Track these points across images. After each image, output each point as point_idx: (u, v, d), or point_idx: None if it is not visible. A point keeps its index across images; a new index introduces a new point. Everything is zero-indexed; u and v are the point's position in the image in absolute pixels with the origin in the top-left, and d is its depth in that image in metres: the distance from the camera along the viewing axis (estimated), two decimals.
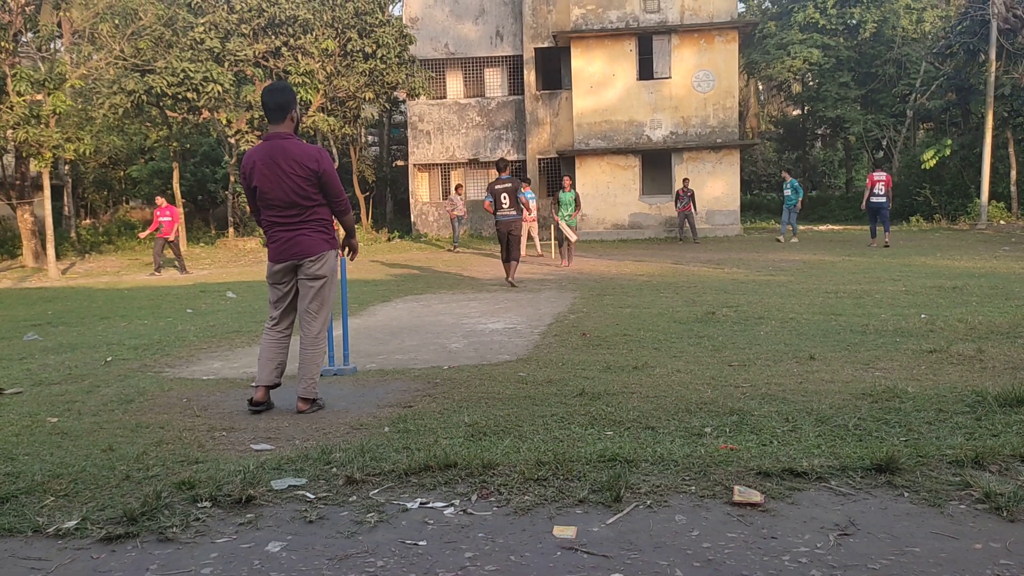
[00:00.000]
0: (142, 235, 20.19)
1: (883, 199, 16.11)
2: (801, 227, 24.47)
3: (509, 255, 12.21)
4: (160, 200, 18.12)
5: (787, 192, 20.00)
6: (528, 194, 21.97)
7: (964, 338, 6.24)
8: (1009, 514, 2.76)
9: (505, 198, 11.95)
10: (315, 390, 4.67)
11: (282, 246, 4.64)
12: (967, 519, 2.76)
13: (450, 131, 26.04)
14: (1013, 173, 24.23)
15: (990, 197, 23.12)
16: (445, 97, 26.21)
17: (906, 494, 2.99)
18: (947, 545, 2.58)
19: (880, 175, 16.14)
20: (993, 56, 22.25)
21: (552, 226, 16.44)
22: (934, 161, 25.06)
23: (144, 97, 20.38)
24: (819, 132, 37.35)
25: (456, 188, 22.84)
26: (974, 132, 26.04)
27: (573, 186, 15.85)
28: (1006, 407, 4.02)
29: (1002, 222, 23.10)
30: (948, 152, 25.01)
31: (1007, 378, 4.77)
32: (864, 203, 16.52)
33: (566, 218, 15.44)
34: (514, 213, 12.06)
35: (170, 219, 17.74)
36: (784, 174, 21.07)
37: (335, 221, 4.82)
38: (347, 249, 5.17)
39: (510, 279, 12.13)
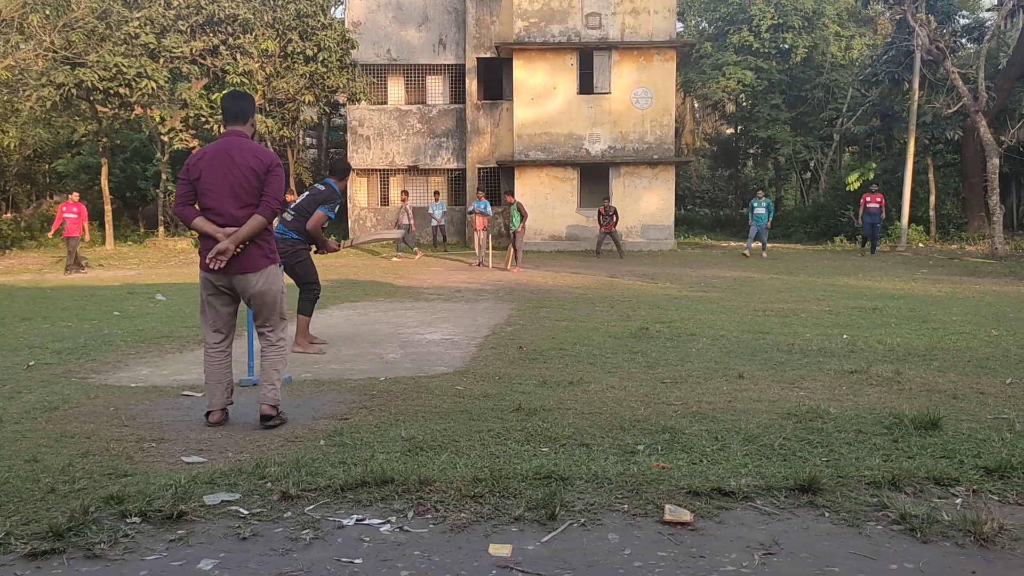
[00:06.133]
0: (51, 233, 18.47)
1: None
2: (732, 244, 25.19)
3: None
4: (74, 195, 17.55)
5: (760, 210, 20.64)
6: (436, 207, 22.43)
7: (883, 359, 6.51)
8: (923, 535, 2.90)
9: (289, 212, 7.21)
10: (278, 396, 4.53)
11: None
12: (884, 540, 2.90)
13: (390, 137, 25.91)
14: (932, 198, 25.29)
15: (910, 221, 24.09)
16: (386, 103, 26.07)
17: (827, 514, 3.13)
18: (865, 565, 2.70)
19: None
20: (916, 85, 23.22)
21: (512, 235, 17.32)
22: (858, 184, 25.98)
23: (74, 91, 19.74)
24: (751, 151, 38.32)
25: (402, 195, 22.39)
26: (896, 157, 27.09)
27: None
28: (921, 429, 4.21)
29: (921, 245, 24.08)
30: (872, 175, 25.96)
31: (923, 400, 5.00)
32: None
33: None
34: (294, 234, 7.03)
35: (76, 216, 17.12)
36: (759, 192, 21.77)
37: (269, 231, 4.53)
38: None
39: (299, 347, 7.08)
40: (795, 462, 3.71)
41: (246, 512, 3.13)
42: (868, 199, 21.00)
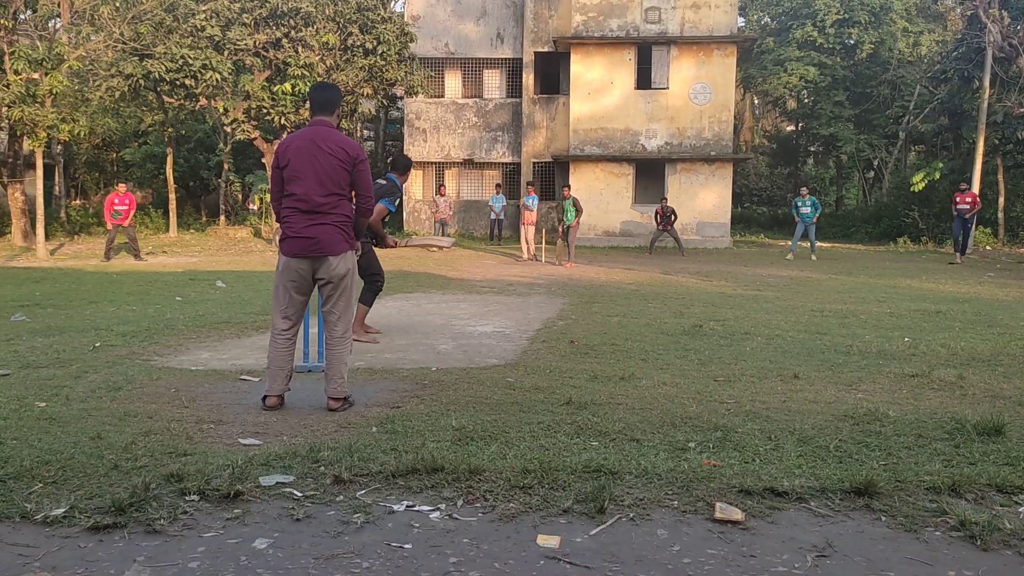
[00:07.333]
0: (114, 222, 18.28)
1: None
2: (790, 243, 24.58)
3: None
4: (121, 186, 18.00)
5: (806, 209, 19.74)
6: (496, 200, 22.57)
7: (946, 363, 6.33)
8: (983, 543, 2.82)
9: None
10: (345, 388, 4.69)
11: (301, 240, 4.54)
12: (942, 546, 2.83)
13: (446, 130, 26.07)
14: (1001, 200, 24.48)
15: (978, 222, 23.34)
16: (443, 96, 26.23)
17: (883, 518, 3.06)
18: (921, 571, 2.64)
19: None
20: (987, 83, 22.49)
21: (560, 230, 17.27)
22: (923, 184, 25.28)
23: (142, 81, 20.29)
24: (812, 149, 37.57)
25: (440, 189, 22.91)
26: (964, 157, 26.30)
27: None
28: (984, 436, 4.09)
29: (988, 248, 23.33)
30: (938, 175, 25.23)
31: (986, 406, 4.85)
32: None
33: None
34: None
35: (127, 206, 17.55)
36: (803, 190, 20.99)
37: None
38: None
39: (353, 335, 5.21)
40: (851, 465, 3.63)
41: (300, 494, 3.20)
42: (958, 198, 19.53)
